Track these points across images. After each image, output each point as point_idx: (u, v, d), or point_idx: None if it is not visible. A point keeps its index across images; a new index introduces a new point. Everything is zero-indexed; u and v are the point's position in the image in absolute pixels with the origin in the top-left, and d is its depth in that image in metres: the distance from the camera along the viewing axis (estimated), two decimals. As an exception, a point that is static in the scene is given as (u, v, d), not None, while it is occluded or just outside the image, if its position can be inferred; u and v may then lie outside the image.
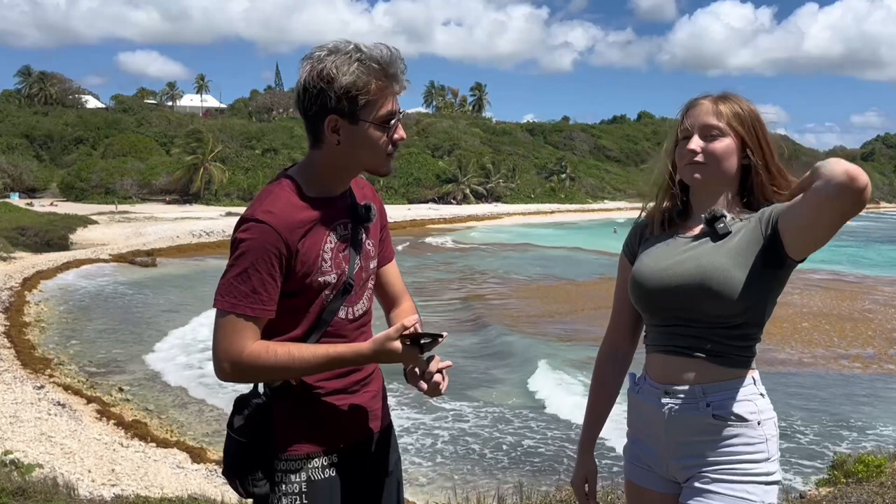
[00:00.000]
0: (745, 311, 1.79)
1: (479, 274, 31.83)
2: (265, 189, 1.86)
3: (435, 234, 52.35)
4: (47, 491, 5.41)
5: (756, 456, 1.81)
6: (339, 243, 1.86)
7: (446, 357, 1.94)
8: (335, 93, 1.73)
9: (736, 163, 1.87)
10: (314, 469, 1.85)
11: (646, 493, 1.98)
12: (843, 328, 20.59)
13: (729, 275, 1.78)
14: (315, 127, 1.79)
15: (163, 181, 66.24)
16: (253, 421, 1.85)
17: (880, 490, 4.56)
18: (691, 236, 1.90)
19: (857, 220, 11.20)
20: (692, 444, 1.83)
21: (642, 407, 1.93)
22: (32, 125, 77.37)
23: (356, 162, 1.83)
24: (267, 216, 1.75)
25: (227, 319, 1.75)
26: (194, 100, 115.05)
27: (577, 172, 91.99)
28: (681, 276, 1.83)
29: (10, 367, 14.64)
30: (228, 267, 1.77)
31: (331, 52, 1.75)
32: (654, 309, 1.92)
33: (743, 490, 1.79)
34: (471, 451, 11.22)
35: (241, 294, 1.74)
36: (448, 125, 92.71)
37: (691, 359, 1.84)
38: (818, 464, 10.03)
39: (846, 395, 14.29)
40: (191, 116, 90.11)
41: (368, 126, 1.77)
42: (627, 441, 2.04)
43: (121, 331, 19.18)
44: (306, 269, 1.79)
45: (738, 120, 1.86)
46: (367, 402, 1.96)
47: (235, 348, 1.75)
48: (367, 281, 1.95)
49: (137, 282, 26.83)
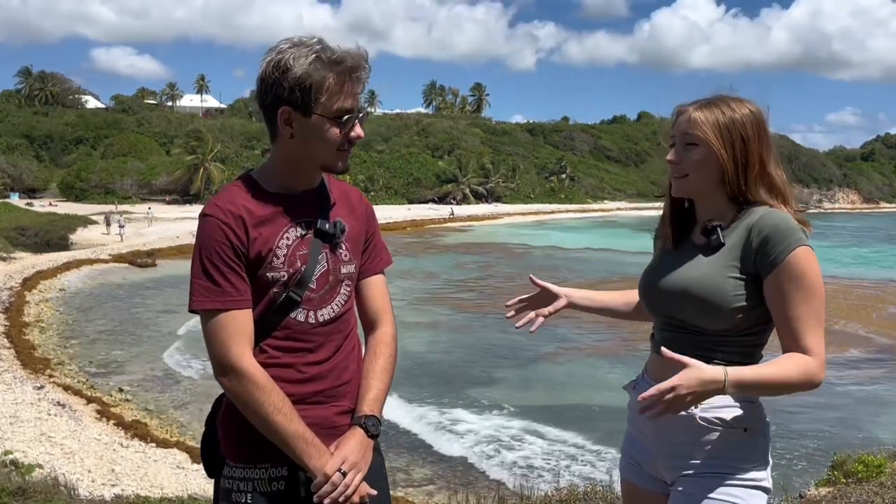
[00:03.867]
0: (734, 323, 1.79)
1: (479, 273, 31.83)
2: (222, 187, 1.84)
3: (434, 233, 52.33)
4: (47, 491, 5.41)
5: (742, 462, 1.80)
6: (299, 241, 1.78)
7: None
8: (289, 83, 1.69)
9: (716, 172, 1.84)
10: (260, 480, 1.77)
11: (638, 491, 1.99)
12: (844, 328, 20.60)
13: (714, 289, 1.77)
14: (270, 119, 1.77)
15: (163, 181, 66.24)
16: (213, 414, 1.87)
17: (880, 490, 4.55)
18: (695, 245, 1.90)
19: (858, 220, 11.13)
20: (679, 444, 1.83)
21: (638, 404, 1.94)
22: (32, 125, 77.40)
23: (308, 156, 1.77)
24: (213, 209, 1.73)
25: (205, 320, 1.72)
26: (194, 100, 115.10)
27: (577, 172, 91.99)
28: (673, 285, 1.85)
29: (10, 367, 14.64)
30: (191, 269, 1.75)
31: (294, 45, 1.72)
32: (651, 309, 1.97)
33: (727, 494, 1.78)
34: (471, 450, 11.21)
35: (205, 290, 1.71)
36: (448, 125, 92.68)
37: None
38: (818, 464, 10.02)
39: (846, 394, 14.30)
40: (191, 116, 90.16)
41: (322, 120, 1.73)
42: (625, 439, 2.05)
43: (120, 331, 19.18)
44: (257, 262, 1.73)
45: (717, 127, 1.81)
46: (332, 417, 1.81)
47: (228, 349, 1.70)
48: (339, 286, 1.83)
49: (137, 282, 26.82)
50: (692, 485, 1.81)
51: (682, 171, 1.85)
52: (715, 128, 1.81)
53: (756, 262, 1.76)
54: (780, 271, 1.72)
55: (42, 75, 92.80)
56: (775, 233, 1.74)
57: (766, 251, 1.74)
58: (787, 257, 1.72)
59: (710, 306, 1.77)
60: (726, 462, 1.80)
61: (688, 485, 1.82)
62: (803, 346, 1.72)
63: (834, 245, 46.20)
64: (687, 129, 1.84)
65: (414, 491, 9.60)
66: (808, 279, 1.72)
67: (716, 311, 1.77)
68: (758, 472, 1.81)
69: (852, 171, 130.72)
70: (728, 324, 1.78)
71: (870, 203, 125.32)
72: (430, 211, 68.57)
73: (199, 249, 1.73)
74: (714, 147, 1.80)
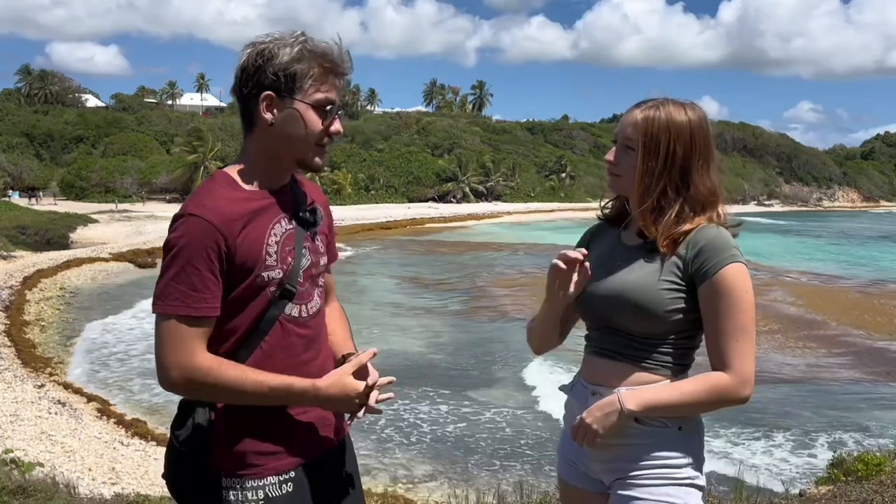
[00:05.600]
0: (667, 328, 1.80)
1: (478, 272, 31.83)
2: (200, 186, 1.77)
3: (434, 232, 52.34)
4: (47, 489, 5.41)
5: (677, 461, 1.81)
6: (285, 237, 1.76)
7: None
8: (273, 69, 1.67)
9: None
10: (271, 486, 1.75)
11: (575, 491, 1.99)
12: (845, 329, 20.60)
13: (647, 293, 1.77)
14: (249, 107, 1.73)
15: (163, 180, 66.23)
16: (198, 432, 1.72)
17: (880, 488, 4.55)
18: (629, 245, 1.89)
19: (855, 220, 11.15)
20: (615, 446, 1.83)
21: (573, 405, 1.95)
22: (32, 124, 77.32)
23: (285, 148, 1.74)
24: (199, 209, 1.65)
25: (170, 324, 1.64)
26: (194, 98, 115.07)
27: (577, 171, 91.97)
28: (609, 289, 1.84)
29: (11, 365, 14.65)
30: (163, 269, 1.66)
31: (276, 38, 1.71)
32: (584, 313, 1.94)
33: (664, 493, 1.79)
34: (471, 449, 11.22)
35: (181, 294, 1.63)
36: (448, 124, 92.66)
37: (617, 362, 1.85)
38: (818, 462, 10.03)
39: (846, 394, 14.31)
40: (191, 115, 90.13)
41: (304, 107, 1.71)
42: (561, 438, 2.04)
43: (120, 330, 19.17)
44: (249, 264, 1.68)
45: (646, 130, 1.79)
46: (325, 413, 1.84)
47: (184, 357, 1.63)
48: (318, 277, 1.86)
49: (137, 281, 26.81)
50: (630, 487, 1.82)
51: (617, 170, 1.86)
52: (646, 128, 1.80)
53: (691, 272, 1.77)
54: (710, 285, 1.75)
55: (42, 74, 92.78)
56: (709, 247, 1.76)
57: (699, 263, 1.76)
58: (718, 272, 1.74)
59: (645, 311, 1.78)
60: (662, 462, 1.80)
61: (626, 487, 1.83)
62: (724, 362, 1.75)
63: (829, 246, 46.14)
64: (625, 131, 1.84)
65: (414, 487, 9.62)
66: (736, 295, 1.74)
67: (651, 316, 1.78)
68: (693, 471, 1.82)
69: (852, 170, 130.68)
70: (662, 328, 1.79)
71: (870, 202, 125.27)
72: (431, 210, 68.57)
73: (179, 249, 1.64)
74: (640, 147, 1.80)
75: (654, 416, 1.79)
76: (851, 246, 49.71)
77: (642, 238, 1.85)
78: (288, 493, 1.77)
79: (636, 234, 1.87)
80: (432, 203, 75.24)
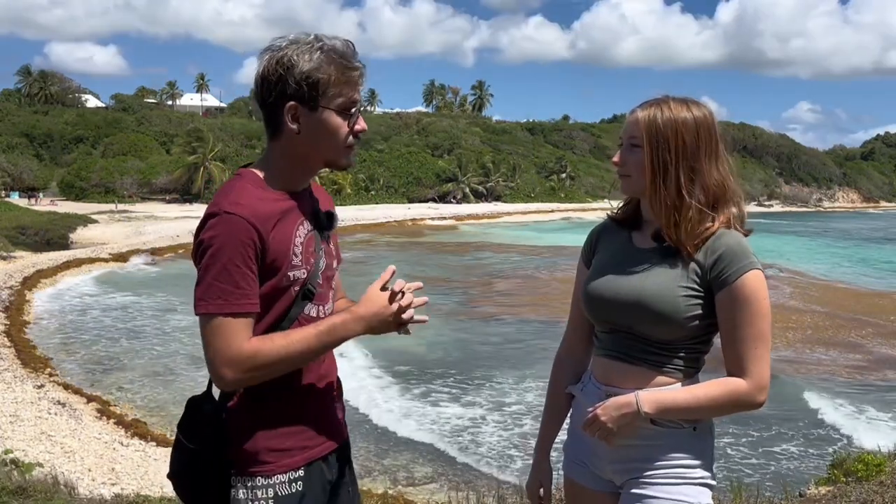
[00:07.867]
0: (684, 333, 1.79)
1: (478, 272, 31.82)
2: (226, 185, 1.76)
3: (434, 232, 52.33)
4: (47, 490, 5.41)
5: (692, 461, 1.82)
6: (307, 239, 1.79)
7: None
8: (295, 79, 1.68)
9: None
10: (280, 484, 1.76)
11: (583, 491, 1.98)
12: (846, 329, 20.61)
13: (666, 299, 1.77)
14: (274, 116, 1.74)
15: (163, 180, 66.22)
16: (210, 428, 1.72)
17: (880, 489, 4.55)
18: (643, 249, 1.88)
19: (855, 220, 11.12)
20: (629, 447, 1.83)
21: (584, 405, 1.92)
22: (32, 124, 77.30)
23: (315, 152, 1.77)
24: (236, 207, 1.66)
25: (218, 323, 1.64)
26: (194, 99, 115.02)
27: (577, 171, 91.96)
28: (625, 294, 1.83)
29: (11, 365, 14.65)
30: (204, 269, 1.65)
31: (291, 42, 1.71)
32: (597, 317, 1.92)
33: (679, 493, 1.80)
34: (471, 450, 11.22)
35: (226, 293, 1.63)
36: (448, 124, 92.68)
37: (632, 365, 1.84)
38: (818, 463, 10.03)
39: (846, 393, 14.31)
40: (191, 115, 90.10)
41: (329, 113, 1.72)
42: (568, 437, 2.04)
43: (120, 330, 19.19)
44: (278, 262, 1.70)
45: (650, 129, 1.79)
46: (329, 411, 1.89)
47: (233, 353, 1.65)
48: (331, 280, 1.90)
49: (137, 281, 26.83)
50: (645, 486, 1.83)
51: (626, 171, 1.85)
52: (651, 127, 1.79)
53: (709, 278, 1.77)
54: (730, 292, 1.75)
55: (42, 74, 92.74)
56: (729, 253, 1.76)
57: (718, 270, 1.76)
58: (737, 279, 1.74)
59: (664, 318, 1.77)
60: (677, 462, 1.81)
61: (640, 486, 1.83)
62: (741, 367, 1.76)
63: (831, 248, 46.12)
64: (630, 131, 1.83)
65: (415, 489, 9.61)
66: (755, 303, 1.74)
67: (670, 323, 1.78)
68: (705, 471, 1.84)
69: (852, 171, 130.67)
70: (679, 334, 1.79)
71: (870, 202, 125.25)
72: (431, 210, 68.58)
73: (218, 248, 1.64)
74: (647, 147, 1.79)
75: (667, 417, 1.80)
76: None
77: (657, 241, 1.83)
78: (297, 491, 1.78)
79: (651, 237, 1.86)
80: (432, 203, 75.25)
